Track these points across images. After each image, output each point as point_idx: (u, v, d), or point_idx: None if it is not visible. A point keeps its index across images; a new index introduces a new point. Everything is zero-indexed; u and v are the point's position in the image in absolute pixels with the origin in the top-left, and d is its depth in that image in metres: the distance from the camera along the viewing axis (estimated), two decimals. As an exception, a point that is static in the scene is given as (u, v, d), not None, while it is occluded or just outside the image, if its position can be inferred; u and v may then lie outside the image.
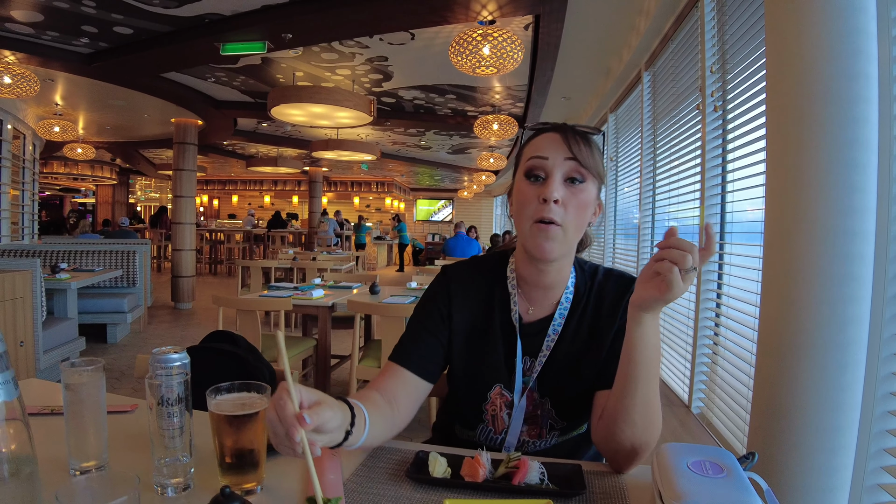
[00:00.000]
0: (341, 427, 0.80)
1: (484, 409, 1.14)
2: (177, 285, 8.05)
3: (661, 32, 3.61)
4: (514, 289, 1.14)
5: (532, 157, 1.03)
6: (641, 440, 0.93)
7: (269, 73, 6.23)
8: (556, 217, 0.99)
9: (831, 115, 1.40)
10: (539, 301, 1.14)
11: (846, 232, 1.37)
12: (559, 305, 1.12)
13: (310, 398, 0.75)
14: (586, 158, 1.01)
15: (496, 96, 6.90)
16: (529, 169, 1.03)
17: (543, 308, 1.13)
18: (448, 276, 1.19)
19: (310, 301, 3.36)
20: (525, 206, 1.02)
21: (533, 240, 1.01)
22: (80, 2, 4.23)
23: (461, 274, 1.19)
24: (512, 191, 1.11)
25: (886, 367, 1.46)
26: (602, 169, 1.05)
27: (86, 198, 20.09)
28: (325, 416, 0.74)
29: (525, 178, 1.04)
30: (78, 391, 0.87)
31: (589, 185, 1.03)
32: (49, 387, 1.39)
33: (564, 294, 1.12)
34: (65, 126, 7.65)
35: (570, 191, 1.01)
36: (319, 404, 0.75)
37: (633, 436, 0.93)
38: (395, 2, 3.77)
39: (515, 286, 1.14)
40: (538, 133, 1.08)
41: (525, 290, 1.14)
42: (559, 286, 1.12)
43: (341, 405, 0.83)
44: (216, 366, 1.28)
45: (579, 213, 1.01)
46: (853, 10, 1.39)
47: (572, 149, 1.01)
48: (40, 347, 3.91)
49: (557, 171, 1.01)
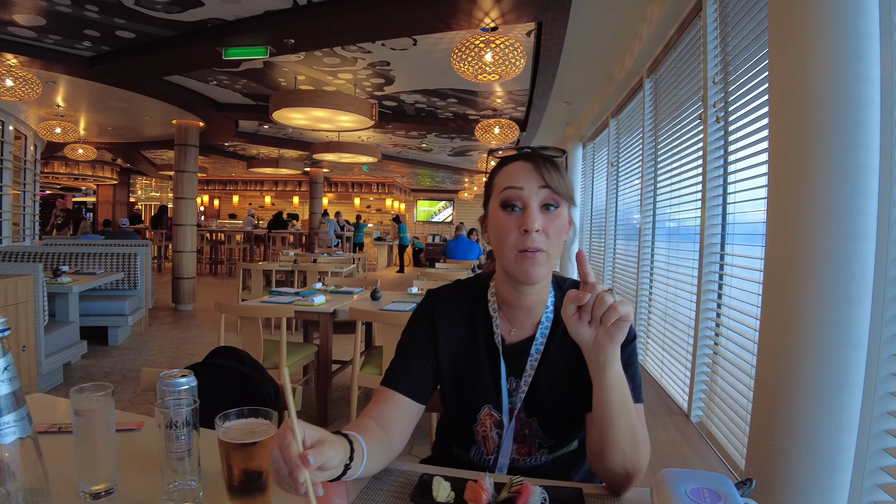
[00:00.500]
0: (341, 462, 0.82)
1: (475, 430, 1.16)
2: (178, 287, 8.06)
3: (663, 40, 3.62)
4: (496, 311, 1.17)
5: (507, 187, 1.06)
6: (633, 465, 0.96)
7: (271, 77, 6.24)
8: (540, 245, 1.02)
9: (833, 117, 1.41)
10: (520, 322, 1.16)
11: (847, 236, 1.39)
12: (540, 325, 1.15)
13: (312, 436, 0.76)
14: (559, 185, 1.05)
15: (498, 100, 6.91)
16: (506, 200, 1.06)
17: (525, 329, 1.16)
18: (431, 301, 1.22)
19: (311, 308, 3.38)
20: (506, 236, 1.05)
21: (520, 267, 1.04)
22: (83, 6, 4.24)
23: (444, 298, 1.22)
24: (486, 219, 1.14)
25: (884, 386, 1.48)
26: (571, 190, 1.09)
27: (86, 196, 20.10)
28: (327, 455, 0.75)
29: (501, 208, 1.07)
30: (88, 417, 0.88)
31: (563, 208, 1.07)
32: (52, 402, 1.40)
33: (545, 314, 1.15)
34: (66, 127, 7.67)
35: (547, 217, 1.04)
36: (322, 443, 0.76)
37: (624, 462, 0.95)
38: (398, 8, 3.78)
39: (496, 309, 1.17)
40: (508, 161, 1.11)
41: (506, 312, 1.17)
42: (539, 306, 1.15)
43: (341, 440, 0.85)
44: (222, 383, 1.29)
45: (558, 236, 1.05)
46: (856, 15, 1.41)
47: (545, 177, 1.04)
48: (42, 352, 3.93)
49: (533, 200, 1.04)
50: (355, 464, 0.87)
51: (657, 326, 3.81)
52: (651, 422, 2.77)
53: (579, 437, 1.17)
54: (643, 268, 4.22)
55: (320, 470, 0.76)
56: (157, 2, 4.12)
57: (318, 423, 3.47)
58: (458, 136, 9.46)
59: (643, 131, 4.19)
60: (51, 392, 4.13)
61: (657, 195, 3.89)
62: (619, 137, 5.32)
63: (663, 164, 3.75)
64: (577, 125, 6.93)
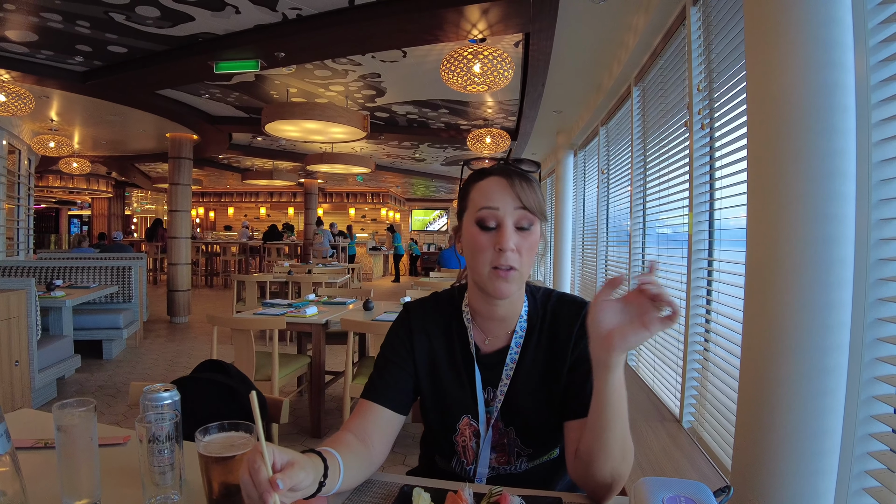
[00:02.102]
0: (314, 481, 0.84)
1: (455, 440, 1.17)
2: (173, 299, 8.04)
3: (649, 49, 3.66)
4: (469, 322, 1.18)
5: (482, 207, 1.07)
6: (619, 472, 0.96)
7: (263, 90, 6.28)
8: (513, 263, 1.05)
9: (809, 124, 1.43)
10: (494, 332, 1.18)
11: (826, 240, 1.41)
12: (514, 334, 1.16)
13: (282, 459, 0.78)
14: (533, 204, 1.06)
15: (488, 110, 6.96)
16: (482, 219, 1.07)
17: (499, 339, 1.18)
18: (409, 314, 1.23)
19: (303, 319, 3.39)
20: (480, 253, 1.07)
21: (492, 284, 1.06)
22: (75, 22, 4.27)
23: (421, 311, 1.24)
24: (460, 230, 1.16)
25: (867, 390, 1.50)
26: (544, 206, 1.11)
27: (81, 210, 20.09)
28: (297, 478, 0.77)
29: (477, 225, 1.08)
30: (70, 432, 0.89)
31: (536, 227, 1.09)
32: (42, 417, 1.41)
33: (518, 323, 1.17)
34: (60, 141, 7.67)
35: (522, 236, 1.06)
36: (292, 465, 0.78)
37: (612, 469, 0.96)
38: (386, 21, 3.81)
39: (470, 319, 1.19)
40: (483, 175, 1.12)
41: (479, 323, 1.19)
42: (512, 316, 1.17)
43: (313, 460, 0.87)
44: (208, 397, 1.30)
45: (531, 253, 1.08)
46: (829, 23, 1.43)
47: (520, 197, 1.06)
48: (35, 366, 3.92)
49: (509, 220, 1.06)
50: (330, 481, 0.88)
51: (649, 333, 3.82)
52: (643, 428, 2.78)
53: (559, 446, 1.18)
54: (634, 274, 4.24)
55: (291, 491, 0.77)
56: (148, 17, 4.15)
57: (311, 435, 3.49)
58: (450, 146, 9.51)
59: (632, 139, 4.22)
60: (45, 406, 4.12)
61: (647, 202, 3.92)
62: (609, 145, 5.35)
63: (652, 171, 3.78)
64: (567, 133, 6.97)
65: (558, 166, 7.23)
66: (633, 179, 4.20)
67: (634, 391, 3.41)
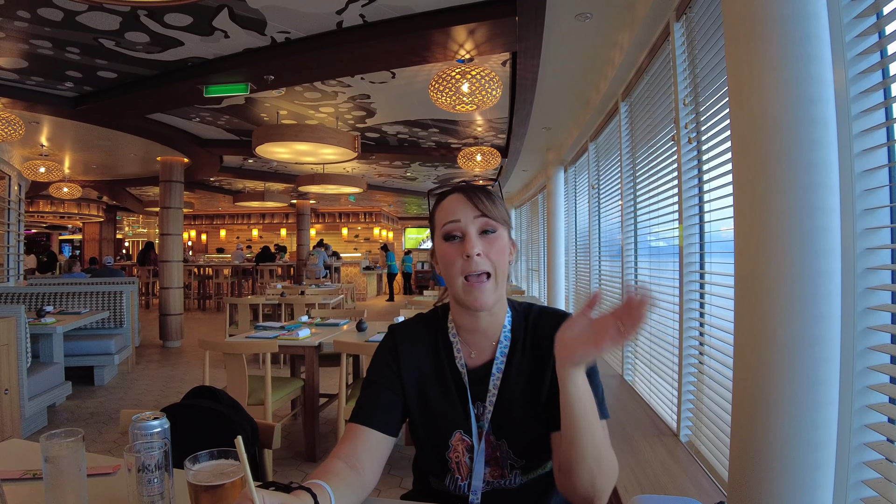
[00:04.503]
0: None
1: (448, 457, 1.17)
2: (165, 323, 7.99)
3: (635, 65, 3.70)
4: (455, 337, 1.21)
5: (447, 221, 1.14)
6: (598, 485, 0.98)
7: (254, 112, 6.30)
8: (484, 268, 1.10)
9: (790, 139, 1.45)
10: (479, 345, 1.20)
11: (812, 252, 1.42)
12: (499, 346, 1.19)
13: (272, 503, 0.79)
14: (492, 211, 1.13)
15: (478, 129, 7.01)
16: (447, 233, 1.14)
17: (485, 352, 1.20)
18: (394, 335, 1.26)
19: (296, 341, 3.36)
20: (451, 264, 1.12)
21: (468, 294, 1.10)
22: (64, 48, 4.29)
23: (406, 331, 1.26)
24: (434, 252, 1.21)
25: (860, 399, 1.50)
26: (507, 215, 1.18)
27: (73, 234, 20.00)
28: None
29: (444, 240, 1.14)
30: (58, 463, 0.88)
31: (500, 231, 1.15)
32: (31, 447, 1.39)
33: (503, 334, 1.19)
34: (50, 166, 7.65)
35: (487, 241, 1.12)
36: None
37: (591, 482, 0.97)
38: (374, 43, 3.85)
39: (456, 335, 1.21)
40: (444, 196, 1.19)
41: (465, 337, 1.21)
42: (496, 329, 1.20)
43: (303, 499, 0.87)
44: (198, 423, 1.29)
45: (500, 257, 1.12)
46: (808, 39, 1.45)
47: (478, 206, 1.13)
48: (25, 394, 3.88)
49: (471, 228, 1.12)
50: None
51: (644, 346, 3.83)
52: (640, 443, 2.76)
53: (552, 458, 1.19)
54: (627, 287, 4.25)
55: None
56: (138, 42, 4.17)
57: (306, 459, 3.46)
58: (441, 165, 9.56)
59: (620, 153, 4.26)
60: (35, 434, 4.07)
61: (637, 215, 3.94)
62: (599, 160, 5.39)
63: (642, 185, 3.81)
64: (557, 150, 7.02)
65: (549, 182, 7.27)
66: (623, 193, 4.23)
67: (631, 406, 3.40)
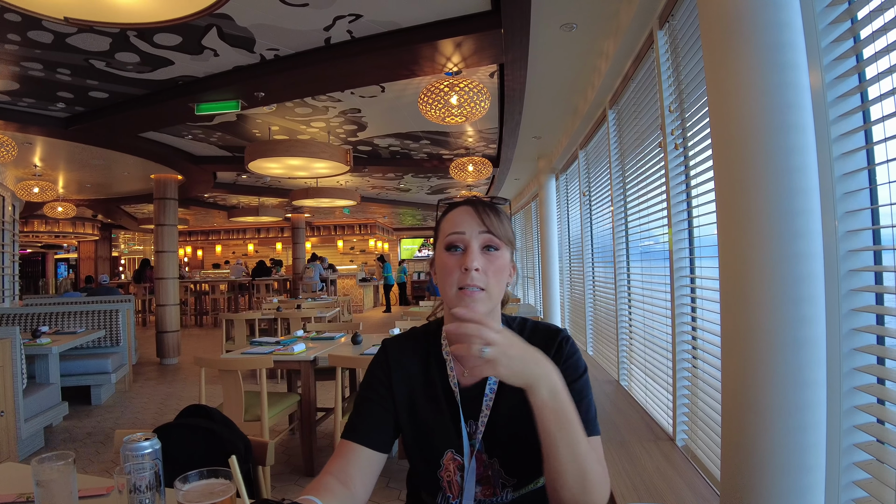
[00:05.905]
0: None
1: (439, 476, 1.16)
2: (162, 341, 7.97)
3: (621, 73, 3.74)
4: (448, 354, 1.19)
5: (451, 232, 1.12)
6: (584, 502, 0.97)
7: (246, 129, 6.33)
8: (479, 283, 1.07)
9: (768, 145, 1.48)
10: (472, 362, 1.16)
11: (794, 256, 1.44)
12: None
13: None
14: (497, 229, 1.11)
15: (469, 139, 7.05)
16: (450, 243, 1.12)
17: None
18: (386, 350, 1.24)
19: (291, 356, 3.36)
20: (449, 275, 1.10)
21: (460, 302, 1.09)
22: (55, 70, 4.32)
23: (398, 347, 1.24)
24: (434, 261, 1.19)
25: (848, 400, 1.52)
26: (512, 236, 1.15)
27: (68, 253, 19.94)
28: None
29: (446, 250, 1.12)
30: (49, 487, 0.89)
31: (503, 251, 1.12)
32: (25, 470, 1.40)
33: None
34: (44, 186, 7.66)
35: (487, 258, 1.10)
36: None
37: (574, 498, 0.96)
38: (363, 58, 3.88)
39: (448, 352, 1.19)
40: (453, 207, 1.18)
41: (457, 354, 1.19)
42: None
43: None
44: (191, 442, 1.29)
45: (497, 276, 1.10)
46: (782, 47, 1.48)
47: (485, 222, 1.11)
48: (21, 416, 3.86)
49: (474, 242, 1.10)
50: None
51: (639, 351, 3.84)
52: (637, 449, 2.77)
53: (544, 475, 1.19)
54: (620, 293, 4.27)
55: None
56: (128, 63, 4.20)
57: (304, 474, 3.45)
58: (434, 176, 9.59)
59: (610, 160, 4.29)
60: (32, 456, 4.04)
61: (628, 220, 3.96)
62: (589, 167, 5.43)
63: (632, 191, 3.84)
64: (548, 158, 7.06)
65: (541, 190, 7.31)
66: (613, 199, 4.26)
67: (628, 411, 3.41)
